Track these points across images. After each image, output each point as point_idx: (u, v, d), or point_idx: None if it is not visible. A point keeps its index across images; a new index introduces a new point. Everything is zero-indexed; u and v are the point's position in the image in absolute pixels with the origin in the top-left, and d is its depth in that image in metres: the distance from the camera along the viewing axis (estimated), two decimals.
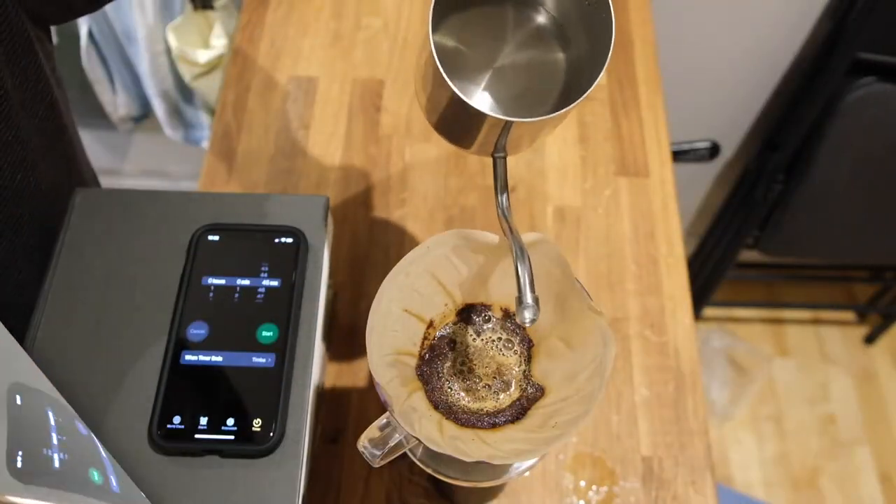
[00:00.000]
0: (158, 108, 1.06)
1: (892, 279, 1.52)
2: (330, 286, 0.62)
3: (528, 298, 0.33)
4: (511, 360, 0.40)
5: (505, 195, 0.37)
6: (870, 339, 1.59)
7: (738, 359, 1.52)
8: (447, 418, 0.37)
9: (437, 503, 0.55)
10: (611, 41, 0.33)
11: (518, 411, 0.38)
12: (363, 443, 0.35)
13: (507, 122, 0.34)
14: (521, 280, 0.34)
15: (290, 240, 0.43)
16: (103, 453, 0.33)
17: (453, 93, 0.33)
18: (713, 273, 1.39)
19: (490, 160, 0.39)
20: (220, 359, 0.39)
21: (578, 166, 0.71)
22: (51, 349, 0.40)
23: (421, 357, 0.40)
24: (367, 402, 0.59)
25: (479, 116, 0.34)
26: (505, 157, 0.38)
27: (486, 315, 0.41)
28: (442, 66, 0.32)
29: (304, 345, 0.41)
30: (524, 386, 0.39)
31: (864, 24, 0.94)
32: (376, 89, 0.76)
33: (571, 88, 0.36)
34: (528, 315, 0.33)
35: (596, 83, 0.34)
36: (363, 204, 0.69)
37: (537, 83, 0.39)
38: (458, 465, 0.41)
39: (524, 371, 0.40)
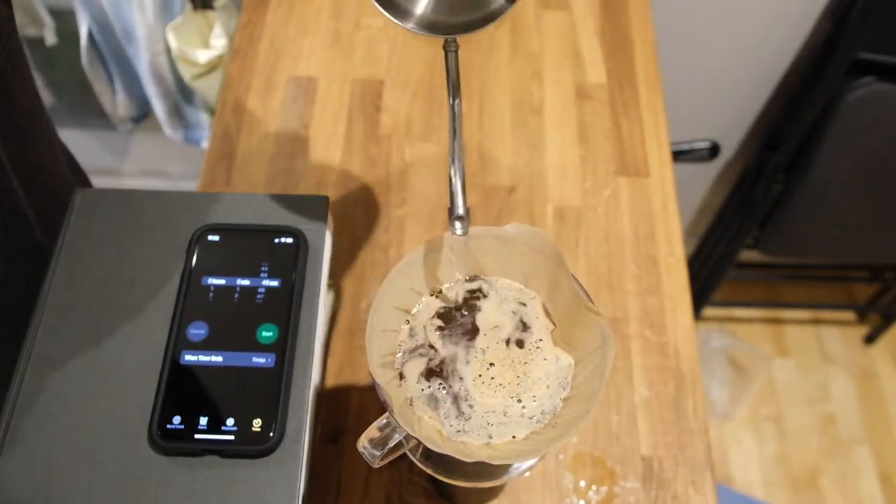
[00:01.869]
0: (158, 108, 1.06)
1: (892, 279, 1.52)
2: (330, 286, 0.62)
3: (460, 209, 0.33)
4: None
5: (458, 96, 0.36)
6: (870, 339, 1.59)
7: (738, 359, 1.52)
8: None
9: (438, 503, 0.55)
10: None
11: None
12: (363, 443, 0.35)
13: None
14: (454, 187, 0.33)
15: (290, 240, 0.43)
16: None
17: None
18: (713, 273, 1.39)
19: (493, 158, 0.39)
20: (219, 359, 0.39)
21: (578, 166, 0.71)
22: (50, 348, 0.39)
23: None
24: (367, 403, 0.59)
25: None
26: (456, 52, 0.37)
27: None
28: None
29: (303, 345, 0.41)
30: None
31: (864, 24, 0.94)
32: (376, 89, 0.76)
33: None
34: (458, 226, 0.33)
35: None
36: (363, 204, 0.69)
37: None
38: (458, 465, 0.41)
39: None
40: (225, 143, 0.72)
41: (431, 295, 0.39)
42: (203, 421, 0.37)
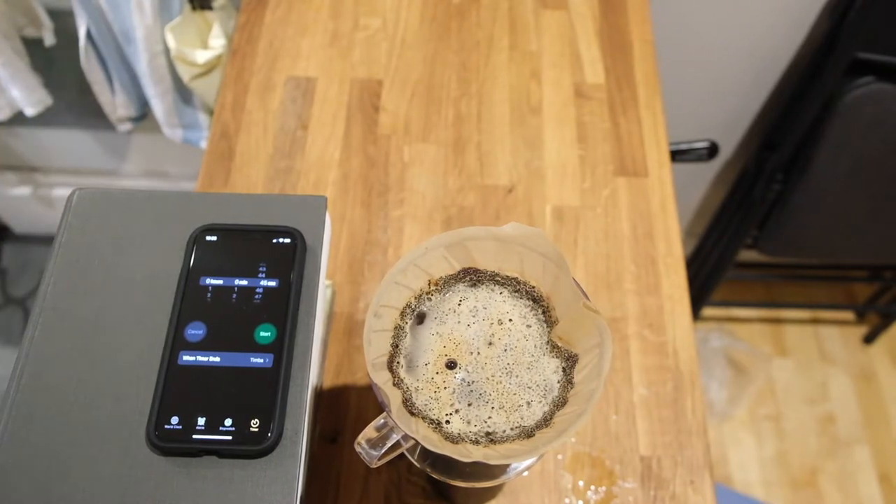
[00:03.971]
0: (157, 108, 1.06)
1: (890, 279, 1.52)
2: (328, 286, 0.62)
3: None
4: None
5: None
6: (869, 339, 1.59)
7: (737, 358, 1.52)
8: None
9: (436, 503, 0.55)
10: None
11: None
12: (360, 443, 0.35)
13: None
14: None
15: (288, 240, 0.43)
16: None
17: None
18: (712, 273, 1.39)
19: (491, 158, 0.39)
20: (217, 359, 0.39)
21: (577, 166, 0.71)
22: (48, 349, 0.39)
23: None
24: (366, 402, 0.59)
25: None
26: None
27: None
28: None
29: (301, 345, 0.41)
30: None
31: (863, 24, 0.94)
32: (375, 89, 0.76)
33: None
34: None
35: None
36: (361, 204, 0.69)
37: None
38: (456, 465, 0.41)
39: None
40: (223, 144, 0.72)
41: (429, 291, 0.39)
42: (201, 421, 0.37)
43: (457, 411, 0.35)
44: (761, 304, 1.63)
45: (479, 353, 0.37)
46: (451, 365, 0.37)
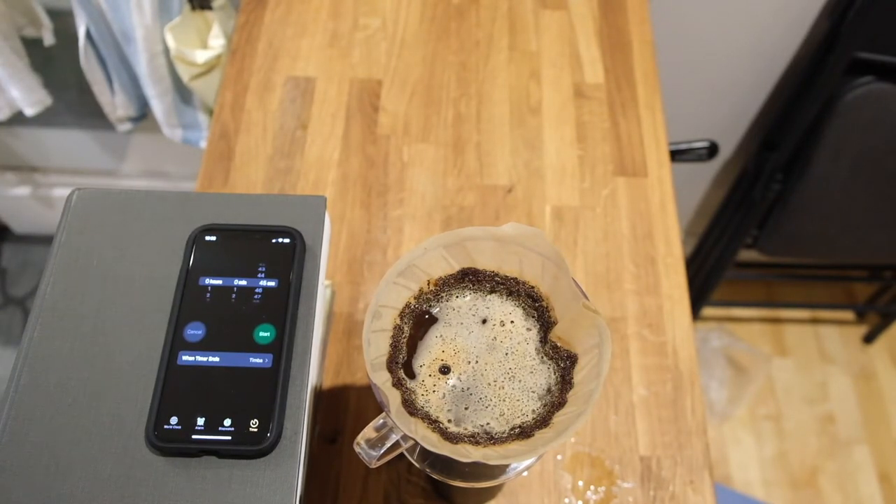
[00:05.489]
0: (157, 108, 1.06)
1: (890, 278, 1.52)
2: (328, 286, 0.62)
3: None
4: None
5: None
6: (868, 339, 1.59)
7: (737, 358, 1.52)
8: None
9: (436, 503, 0.55)
10: None
11: None
12: (360, 443, 0.35)
13: None
14: None
15: (287, 240, 0.43)
16: None
17: None
18: (712, 273, 1.39)
19: (491, 158, 0.39)
20: (217, 359, 0.39)
21: (576, 166, 0.71)
22: (47, 349, 0.39)
23: None
24: (366, 403, 0.59)
25: None
26: None
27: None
28: None
29: (301, 345, 0.41)
30: None
31: (862, 24, 0.94)
32: (374, 89, 0.76)
33: None
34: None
35: None
36: (361, 204, 0.69)
37: None
38: (455, 465, 0.41)
39: None
40: (223, 144, 0.72)
41: (428, 292, 0.39)
42: (200, 421, 0.37)
43: (449, 421, 0.35)
44: (761, 304, 1.63)
45: (477, 360, 0.37)
46: (445, 370, 0.37)
